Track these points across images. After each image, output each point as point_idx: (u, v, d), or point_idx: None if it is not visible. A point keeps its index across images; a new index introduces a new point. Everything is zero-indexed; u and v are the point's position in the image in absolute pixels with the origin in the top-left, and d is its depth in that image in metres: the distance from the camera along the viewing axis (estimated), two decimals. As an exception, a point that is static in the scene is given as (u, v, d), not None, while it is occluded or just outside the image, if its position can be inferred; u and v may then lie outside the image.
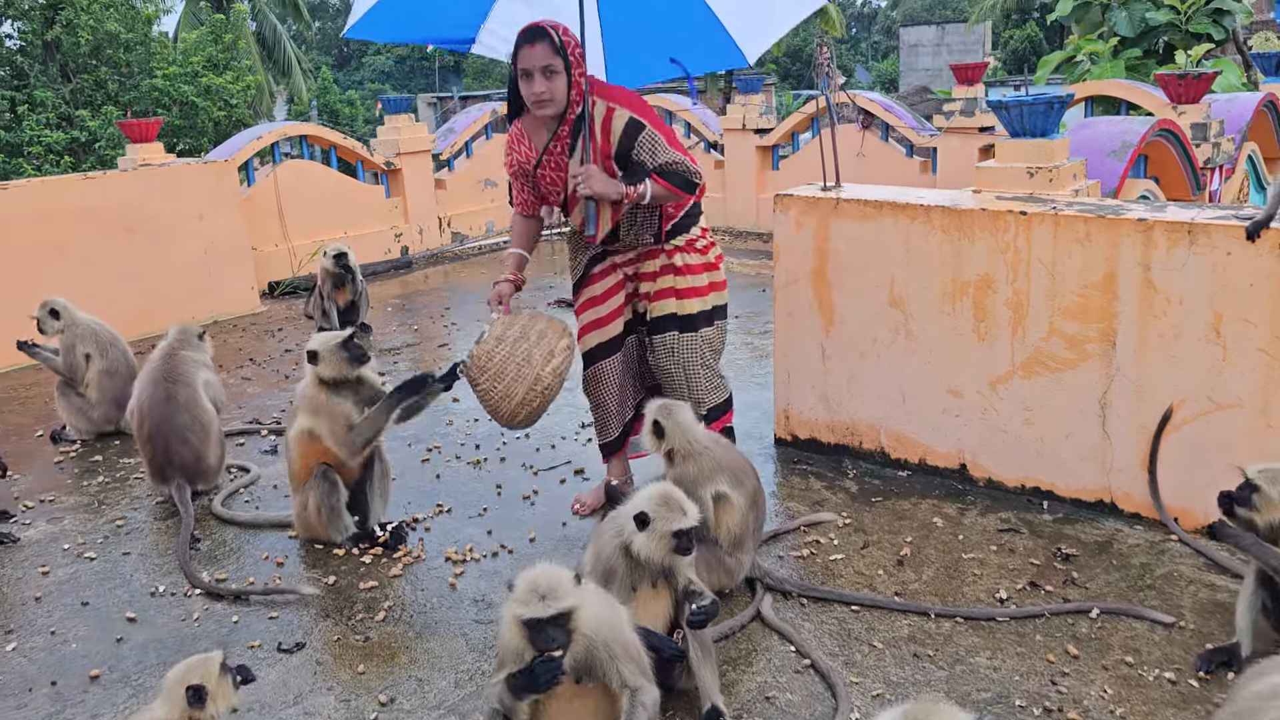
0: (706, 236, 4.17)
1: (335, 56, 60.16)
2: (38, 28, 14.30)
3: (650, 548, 2.83)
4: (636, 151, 3.79)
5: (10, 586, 3.87)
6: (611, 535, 2.97)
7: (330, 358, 3.85)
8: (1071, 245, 3.91)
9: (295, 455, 3.97)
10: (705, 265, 4.12)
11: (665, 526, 2.82)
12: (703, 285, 4.10)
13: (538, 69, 3.69)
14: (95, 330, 5.35)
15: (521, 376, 3.77)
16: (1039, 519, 4.06)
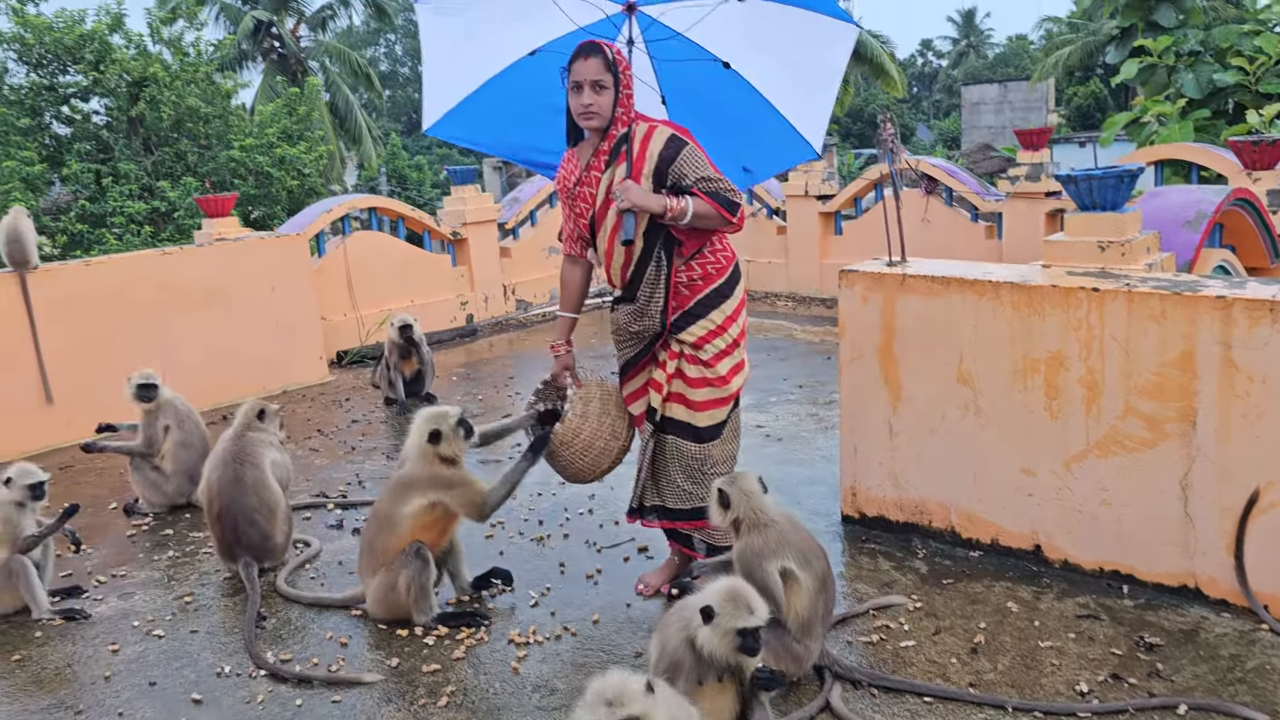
0: (731, 328, 4.00)
1: (404, 123, 61.87)
2: (124, 104, 14.90)
3: (715, 643, 2.78)
4: (678, 165, 3.80)
5: (81, 665, 3.93)
6: (678, 628, 2.92)
7: (452, 437, 3.99)
8: (1147, 323, 3.81)
9: (402, 533, 3.96)
10: (719, 379, 3.99)
11: (730, 623, 2.76)
12: (717, 398, 4.02)
13: (588, 82, 3.76)
14: (175, 403, 5.48)
15: (609, 450, 4.10)
16: (1119, 605, 3.91)
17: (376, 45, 64.01)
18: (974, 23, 63.78)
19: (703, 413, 4.02)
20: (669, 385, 4.05)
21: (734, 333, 4.02)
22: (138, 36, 15.40)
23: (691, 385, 4.01)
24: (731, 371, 4.02)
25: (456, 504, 3.99)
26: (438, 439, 3.97)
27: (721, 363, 4.00)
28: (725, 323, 4.00)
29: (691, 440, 4.04)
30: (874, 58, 30.75)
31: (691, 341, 3.98)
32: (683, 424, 4.05)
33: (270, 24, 29.29)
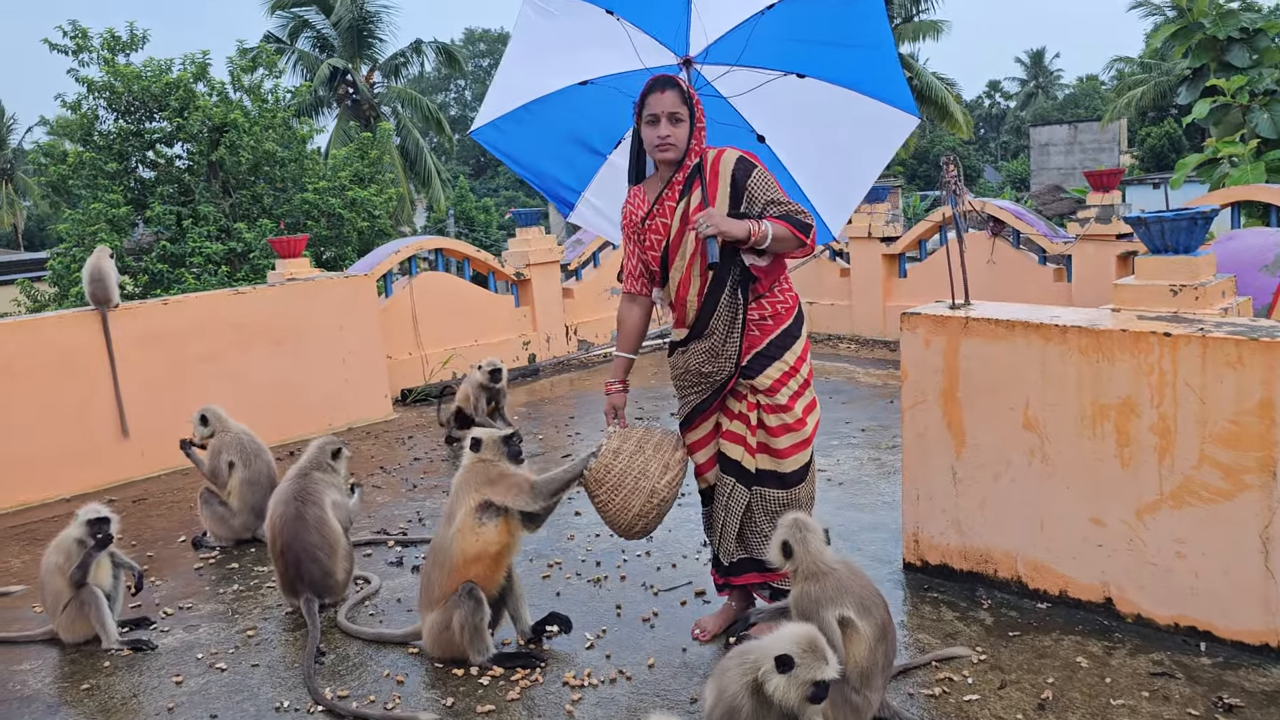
0: (802, 369, 3.97)
1: (472, 166, 63.06)
2: (205, 149, 15.44)
3: (788, 693, 2.75)
4: (750, 188, 3.81)
5: (146, 695, 3.99)
6: (739, 673, 2.88)
7: (493, 446, 4.02)
8: (1222, 369, 3.69)
9: (454, 556, 3.95)
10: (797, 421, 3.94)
11: (808, 674, 2.74)
12: (799, 441, 3.96)
13: (665, 114, 3.78)
14: (241, 440, 5.60)
15: (639, 489, 3.89)
16: (1196, 662, 3.76)
17: (447, 91, 65.57)
18: (1043, 63, 63.23)
19: (788, 459, 3.98)
20: (753, 436, 3.99)
21: (805, 373, 4.00)
22: (219, 84, 15.98)
23: (773, 434, 3.96)
24: (806, 411, 4.00)
25: (505, 496, 3.94)
26: (478, 446, 4.03)
27: (797, 404, 3.97)
28: (797, 363, 3.97)
29: (778, 488, 4.01)
30: (939, 100, 30.60)
31: (767, 386, 3.93)
32: (769, 473, 4.01)
33: (345, 71, 30.18)
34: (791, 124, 4.34)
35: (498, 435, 4.08)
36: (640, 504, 3.90)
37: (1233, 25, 11.03)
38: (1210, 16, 11.22)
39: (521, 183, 56.73)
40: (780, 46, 4.23)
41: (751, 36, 4.20)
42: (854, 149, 4.36)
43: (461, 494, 4.00)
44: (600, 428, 7.80)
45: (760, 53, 4.23)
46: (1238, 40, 11.08)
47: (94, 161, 15.23)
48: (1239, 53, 11.05)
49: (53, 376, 6.75)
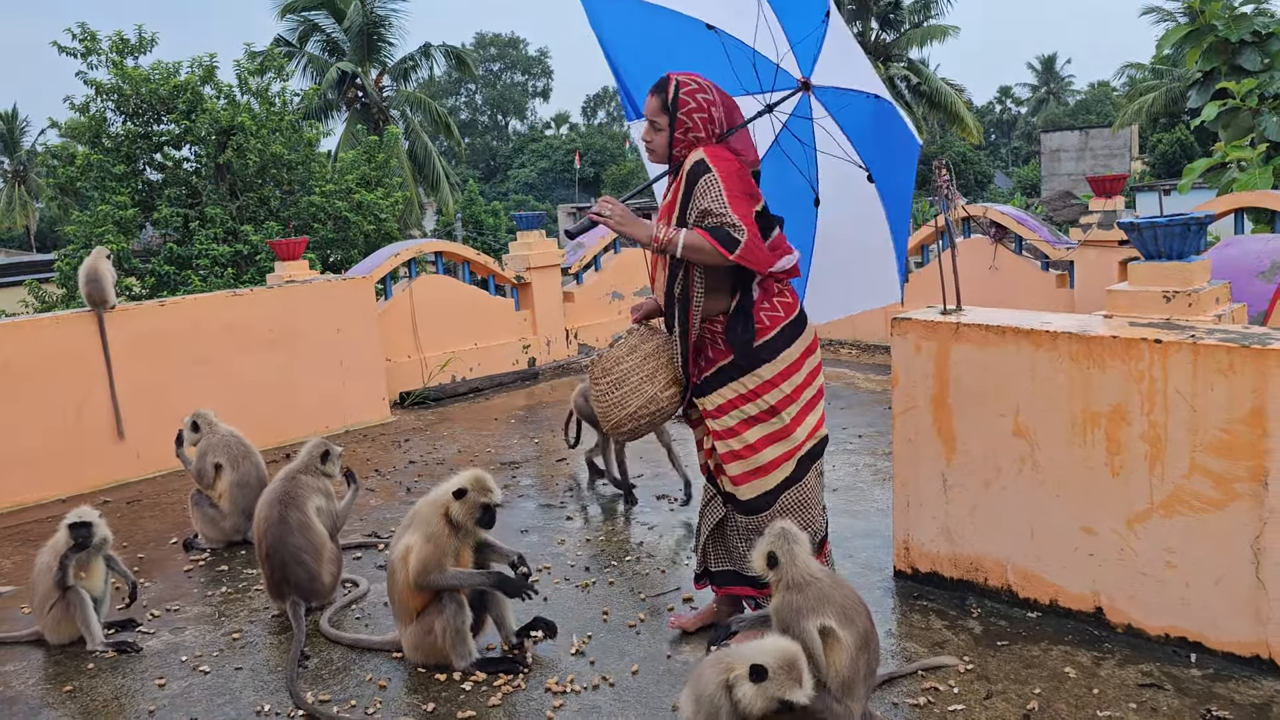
0: (768, 394, 3.83)
1: (482, 169, 63.22)
2: (212, 151, 15.49)
3: (754, 703, 2.73)
4: (695, 191, 3.65)
5: (128, 698, 3.98)
6: (715, 672, 2.86)
7: (469, 506, 3.92)
8: (1214, 376, 3.65)
9: (400, 579, 3.97)
10: (746, 448, 3.86)
11: (777, 690, 2.72)
12: (749, 470, 3.89)
13: (648, 120, 3.84)
14: (229, 442, 5.59)
15: (640, 391, 3.88)
16: (1186, 674, 3.71)
17: (457, 95, 65.71)
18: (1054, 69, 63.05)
19: (741, 486, 3.92)
20: (719, 445, 3.95)
21: (772, 399, 3.84)
22: (227, 87, 16.03)
23: (723, 459, 3.93)
24: (764, 441, 3.86)
25: (414, 553, 3.90)
26: (461, 495, 3.93)
27: (748, 431, 3.85)
28: (761, 388, 3.83)
29: (742, 514, 3.96)
30: (949, 105, 30.55)
31: (714, 407, 3.89)
32: (730, 495, 3.99)
33: (355, 75, 30.26)
34: (837, 205, 4.33)
35: (479, 502, 3.95)
36: (636, 405, 3.88)
37: (1245, 28, 10.93)
38: (1223, 20, 11.13)
39: (531, 186, 56.88)
40: (871, 140, 4.21)
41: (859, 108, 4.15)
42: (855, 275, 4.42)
43: (413, 526, 3.99)
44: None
45: (858, 129, 4.20)
46: (1250, 44, 10.98)
47: (102, 164, 15.29)
48: (1250, 56, 10.95)
49: (49, 377, 6.76)
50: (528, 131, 69.81)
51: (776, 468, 3.88)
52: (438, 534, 3.90)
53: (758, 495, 3.90)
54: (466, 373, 9.69)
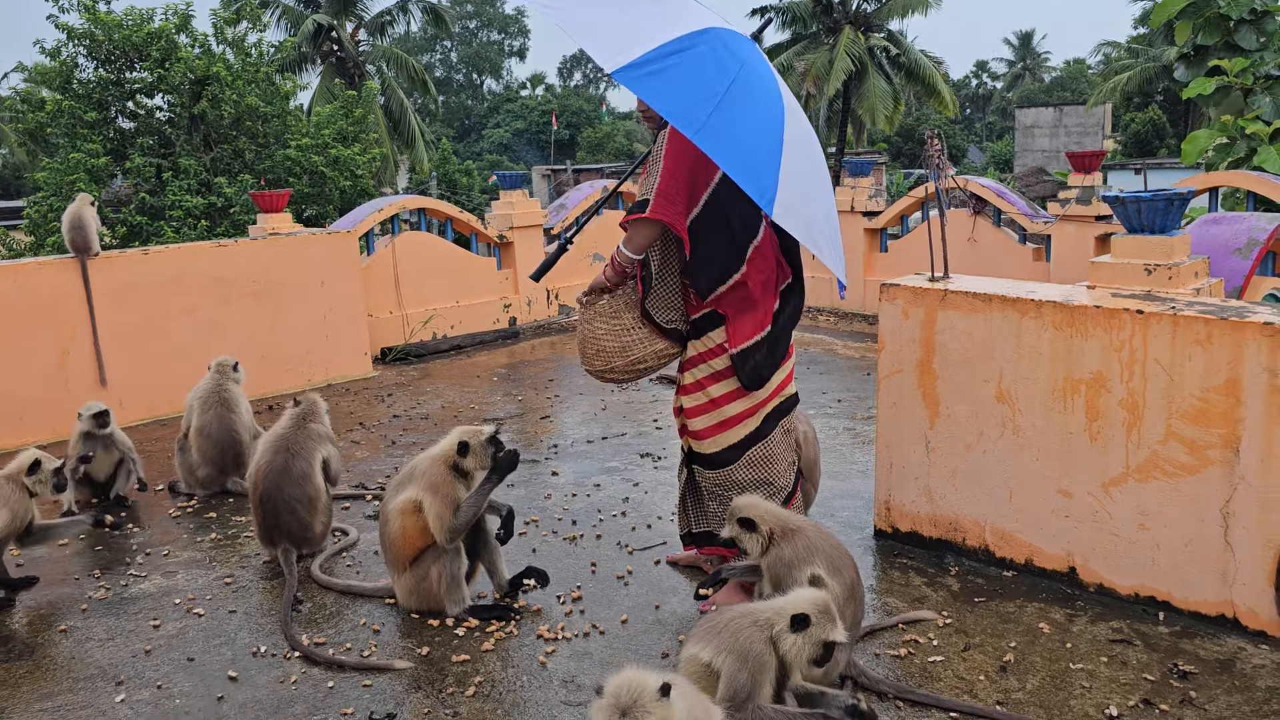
0: (713, 361, 4.05)
1: (456, 129, 62.59)
2: (186, 101, 15.25)
3: (799, 651, 2.86)
4: (651, 160, 4.00)
5: (123, 637, 4.03)
6: (756, 630, 2.96)
7: (480, 452, 4.01)
8: (1191, 347, 3.78)
9: (407, 526, 4.03)
10: (711, 401, 4.07)
11: (820, 634, 2.84)
12: (716, 422, 4.08)
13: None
14: (205, 390, 5.63)
15: (624, 342, 4.08)
16: (1154, 631, 3.87)
17: (433, 52, 64.86)
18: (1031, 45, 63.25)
19: (705, 440, 4.11)
20: (680, 418, 4.22)
21: (724, 362, 4.04)
22: (202, 36, 15.76)
23: (689, 414, 4.14)
24: (728, 397, 4.05)
25: (431, 512, 3.98)
26: (465, 451, 4.01)
27: (715, 385, 4.06)
28: (717, 349, 4.05)
29: (707, 468, 4.15)
30: (927, 77, 30.61)
31: (687, 358, 4.13)
32: (694, 453, 4.19)
33: (330, 28, 29.82)
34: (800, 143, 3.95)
35: (484, 438, 4.03)
36: (614, 345, 4.07)
37: (1246, 6, 11.02)
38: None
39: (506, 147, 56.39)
40: None
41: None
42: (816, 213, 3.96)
43: (415, 479, 4.04)
44: (580, 391, 7.85)
45: None
46: (1248, 21, 11.06)
47: (73, 110, 15.01)
48: (1247, 34, 11.02)
49: (31, 323, 6.71)
50: (503, 91, 69.11)
51: (740, 422, 4.07)
52: (443, 485, 3.98)
53: (722, 449, 4.08)
54: (448, 330, 9.71)
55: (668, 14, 3.77)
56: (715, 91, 3.54)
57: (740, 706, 2.85)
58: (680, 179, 3.83)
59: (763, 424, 4.10)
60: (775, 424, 4.15)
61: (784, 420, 4.20)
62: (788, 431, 4.25)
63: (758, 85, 3.76)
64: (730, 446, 4.08)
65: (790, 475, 4.21)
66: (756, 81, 3.76)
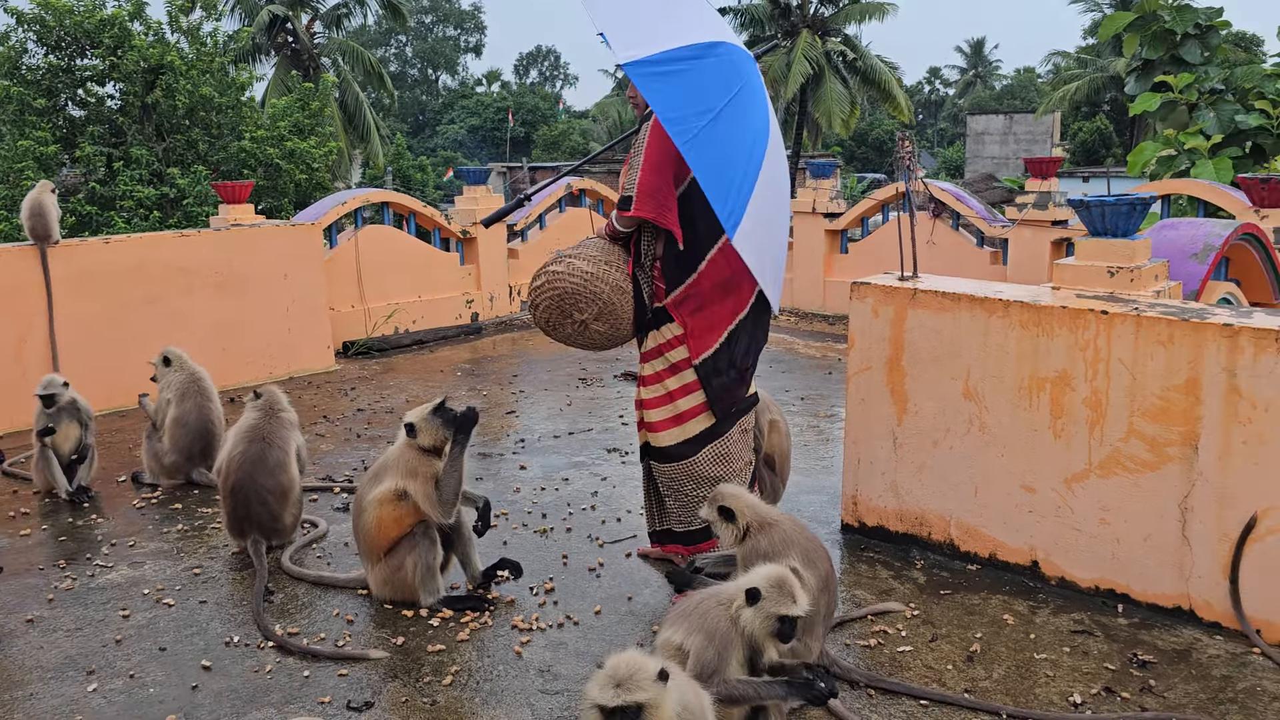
0: (679, 348, 4.12)
1: (411, 124, 62.07)
2: (139, 90, 14.98)
3: (755, 625, 2.90)
4: (633, 150, 4.09)
5: (92, 627, 3.98)
6: (722, 611, 3.00)
7: (426, 427, 4.00)
8: (1154, 347, 3.90)
9: (384, 516, 4.02)
10: (666, 394, 4.16)
11: (773, 608, 2.88)
12: (669, 416, 4.16)
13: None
14: (181, 380, 5.56)
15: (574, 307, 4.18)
16: (1114, 622, 3.99)
17: (388, 46, 64.26)
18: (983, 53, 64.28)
19: (660, 433, 4.18)
20: (639, 410, 4.31)
21: (682, 354, 4.12)
22: (156, 24, 15.49)
23: (647, 405, 4.23)
24: (683, 390, 4.14)
25: (418, 495, 3.98)
26: (413, 432, 4.02)
27: (672, 378, 4.15)
28: (674, 341, 4.13)
29: (661, 461, 4.23)
30: (882, 82, 30.99)
31: (644, 351, 4.24)
32: (649, 446, 4.27)
33: (286, 19, 29.44)
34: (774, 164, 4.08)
35: (428, 411, 4.05)
36: (557, 304, 4.17)
37: (1190, 20, 11.33)
38: (1167, 10, 11.51)
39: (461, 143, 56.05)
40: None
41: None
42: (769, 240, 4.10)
43: (387, 473, 4.05)
44: (545, 387, 7.86)
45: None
46: (1192, 36, 11.39)
47: (21, 96, 14.66)
48: (1191, 49, 11.35)
49: (-14, 311, 6.57)
50: (458, 87, 68.67)
51: (695, 417, 4.14)
52: (417, 464, 4.00)
53: (676, 443, 4.16)
54: (410, 325, 9.67)
55: (688, 20, 3.88)
56: (713, 106, 3.66)
57: (708, 681, 2.90)
58: (664, 173, 3.91)
59: (720, 421, 4.17)
60: (733, 422, 4.21)
61: (743, 419, 4.27)
62: (745, 431, 4.31)
63: (753, 107, 3.88)
64: (686, 441, 4.15)
65: (747, 474, 4.28)
66: (752, 103, 3.87)
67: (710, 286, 4.08)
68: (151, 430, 5.57)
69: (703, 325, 4.09)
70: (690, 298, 4.09)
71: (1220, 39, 11.73)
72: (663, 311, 4.14)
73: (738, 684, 2.93)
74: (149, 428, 5.59)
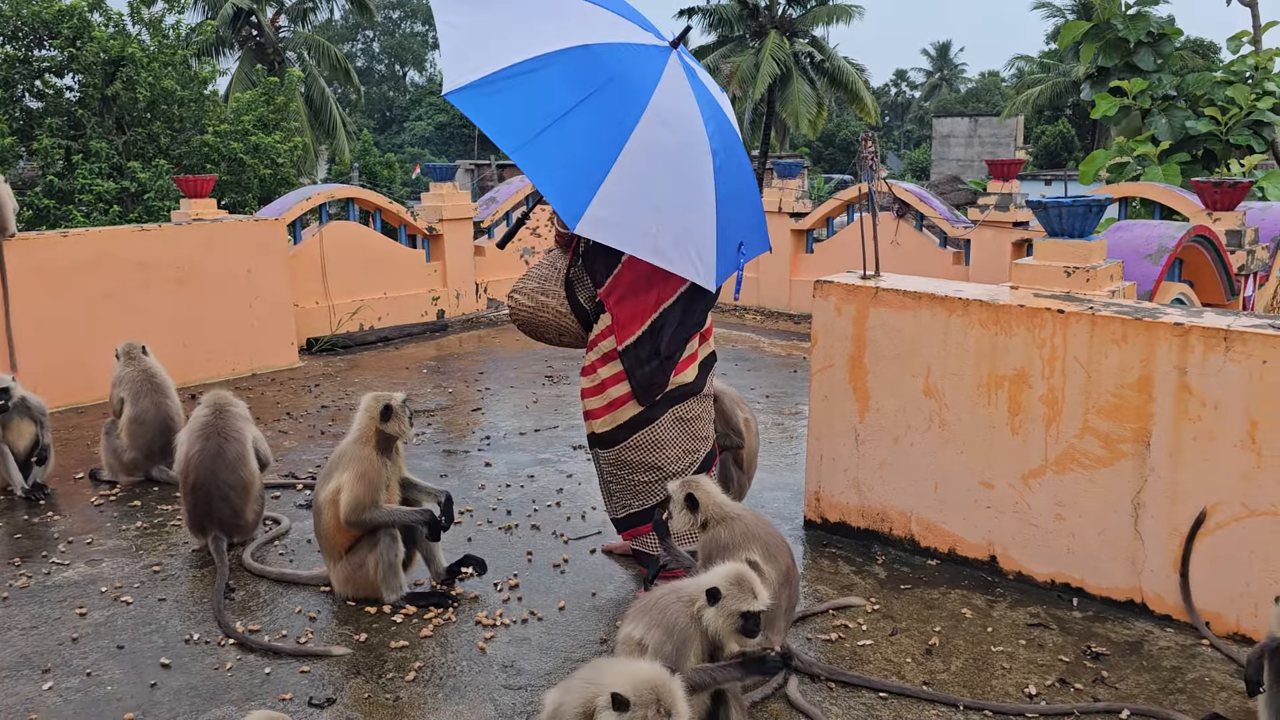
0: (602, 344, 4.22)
1: (377, 120, 61.61)
2: (99, 82, 14.76)
3: (718, 624, 2.92)
4: None
5: (48, 625, 3.94)
6: (682, 607, 3.02)
7: (401, 414, 4.03)
8: (1108, 345, 3.97)
9: (328, 518, 4.02)
10: (600, 384, 4.25)
11: (735, 605, 2.90)
12: (600, 406, 4.26)
13: None
14: (135, 377, 5.50)
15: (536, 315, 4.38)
16: (1069, 615, 4.06)
17: (354, 41, 63.75)
18: (948, 56, 64.85)
19: (597, 419, 4.27)
20: (582, 400, 4.41)
21: (612, 344, 4.20)
22: (117, 16, 15.28)
23: (584, 394, 4.34)
24: (615, 379, 4.21)
25: (347, 488, 3.95)
26: (389, 415, 4.01)
27: (604, 367, 4.23)
28: (606, 331, 4.21)
29: (599, 447, 4.30)
30: (849, 84, 31.20)
31: (586, 342, 4.34)
32: (590, 434, 4.35)
33: (250, 12, 29.12)
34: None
35: (401, 400, 4.06)
36: (526, 329, 4.41)
37: (1143, 29, 11.56)
38: (1121, 18, 11.72)
39: (428, 140, 55.75)
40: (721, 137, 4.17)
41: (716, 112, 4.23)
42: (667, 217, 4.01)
43: (341, 464, 4.03)
44: (511, 384, 7.86)
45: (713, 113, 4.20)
46: (1145, 44, 11.62)
47: (-24, 87, 14.43)
48: (1145, 56, 11.57)
49: (-61, 305, 6.46)
50: (426, 84, 68.24)
51: (625, 403, 4.21)
52: (369, 470, 3.95)
53: (610, 429, 4.24)
54: (375, 322, 9.62)
55: (541, 34, 3.87)
56: (553, 111, 3.68)
57: None
58: None
59: (649, 409, 4.20)
60: (664, 409, 4.23)
61: (676, 407, 4.26)
62: (681, 419, 4.29)
63: (619, 102, 3.83)
64: (618, 426, 4.22)
65: (686, 462, 4.25)
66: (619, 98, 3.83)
67: (634, 277, 4.16)
68: (110, 426, 5.50)
69: (626, 314, 4.18)
70: (616, 288, 4.20)
71: (1173, 47, 11.97)
72: (599, 304, 4.25)
73: (694, 673, 2.95)
74: (108, 424, 5.53)
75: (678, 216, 3.91)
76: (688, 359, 4.26)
